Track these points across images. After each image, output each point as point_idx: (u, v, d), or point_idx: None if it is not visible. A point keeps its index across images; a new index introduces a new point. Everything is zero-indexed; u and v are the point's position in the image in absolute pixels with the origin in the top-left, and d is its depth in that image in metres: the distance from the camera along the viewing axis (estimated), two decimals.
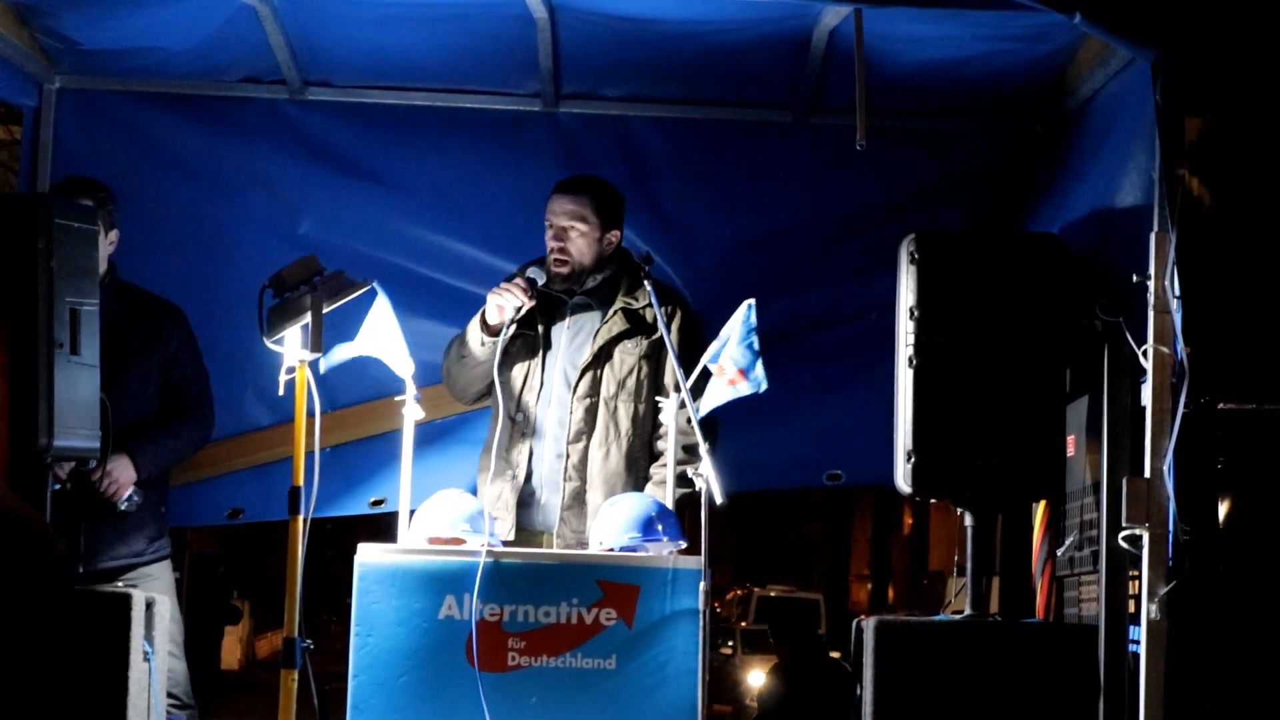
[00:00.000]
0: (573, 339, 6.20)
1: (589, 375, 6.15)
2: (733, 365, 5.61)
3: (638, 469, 6.18)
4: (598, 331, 6.19)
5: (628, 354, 6.19)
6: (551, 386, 6.16)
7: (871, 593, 38.07)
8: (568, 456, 6.11)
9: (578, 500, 6.09)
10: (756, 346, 5.56)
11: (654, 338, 6.18)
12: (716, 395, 5.56)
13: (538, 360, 6.15)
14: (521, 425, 6.15)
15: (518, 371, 6.18)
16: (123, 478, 6.01)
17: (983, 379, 5.56)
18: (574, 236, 6.20)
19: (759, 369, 5.58)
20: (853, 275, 6.95)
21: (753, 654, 24.13)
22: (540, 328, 6.16)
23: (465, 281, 6.84)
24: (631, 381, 6.17)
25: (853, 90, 5.90)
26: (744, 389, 5.62)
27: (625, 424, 6.15)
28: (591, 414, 6.14)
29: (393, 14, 6.27)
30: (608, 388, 6.15)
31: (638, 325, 6.21)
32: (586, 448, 6.12)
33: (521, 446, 6.13)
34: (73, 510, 5.67)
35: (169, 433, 6.18)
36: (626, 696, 5.52)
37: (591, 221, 6.22)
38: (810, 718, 10.19)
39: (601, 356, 6.17)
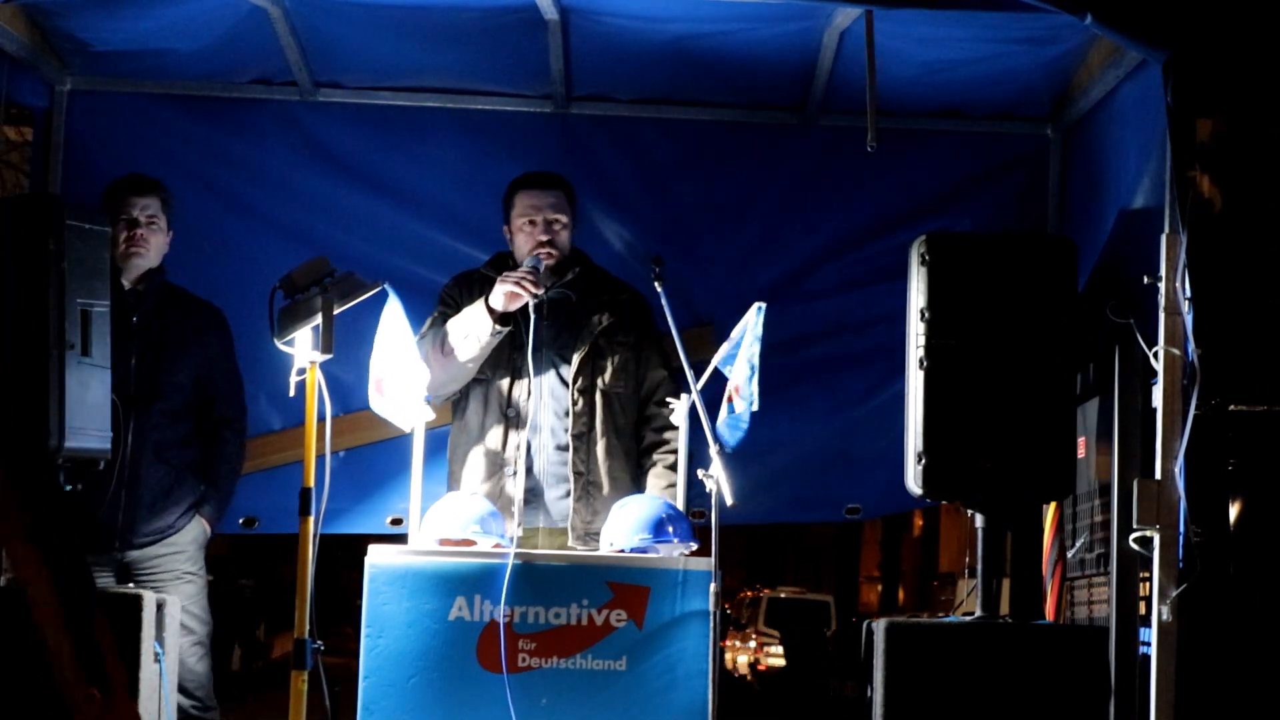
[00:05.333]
0: (558, 332, 6.18)
1: (586, 367, 6.13)
2: (733, 380, 5.59)
3: (632, 458, 6.20)
4: (588, 323, 6.18)
5: (619, 345, 6.18)
6: (542, 379, 6.13)
7: (882, 594, 38.07)
8: (574, 449, 6.10)
9: (587, 492, 6.08)
10: (756, 362, 5.56)
11: (639, 330, 6.22)
12: (722, 411, 5.56)
13: (522, 354, 6.08)
14: (515, 419, 6.13)
15: (502, 364, 6.14)
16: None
17: (993, 380, 5.56)
18: (559, 229, 6.20)
19: (753, 386, 5.57)
20: (865, 281, 6.94)
21: None
22: (530, 320, 6.07)
23: None
24: (625, 372, 6.17)
25: (863, 93, 5.90)
26: (739, 405, 5.62)
27: (621, 414, 6.16)
28: (591, 405, 6.12)
29: (403, 16, 6.27)
30: (605, 378, 6.14)
31: (624, 317, 6.21)
32: (591, 438, 6.11)
33: (517, 441, 6.11)
34: (108, 493, 5.83)
35: (229, 466, 6.39)
36: (637, 698, 5.52)
37: (569, 214, 6.24)
38: None
39: (596, 348, 6.17)
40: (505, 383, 6.12)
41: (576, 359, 6.12)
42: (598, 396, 6.13)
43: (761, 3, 6.01)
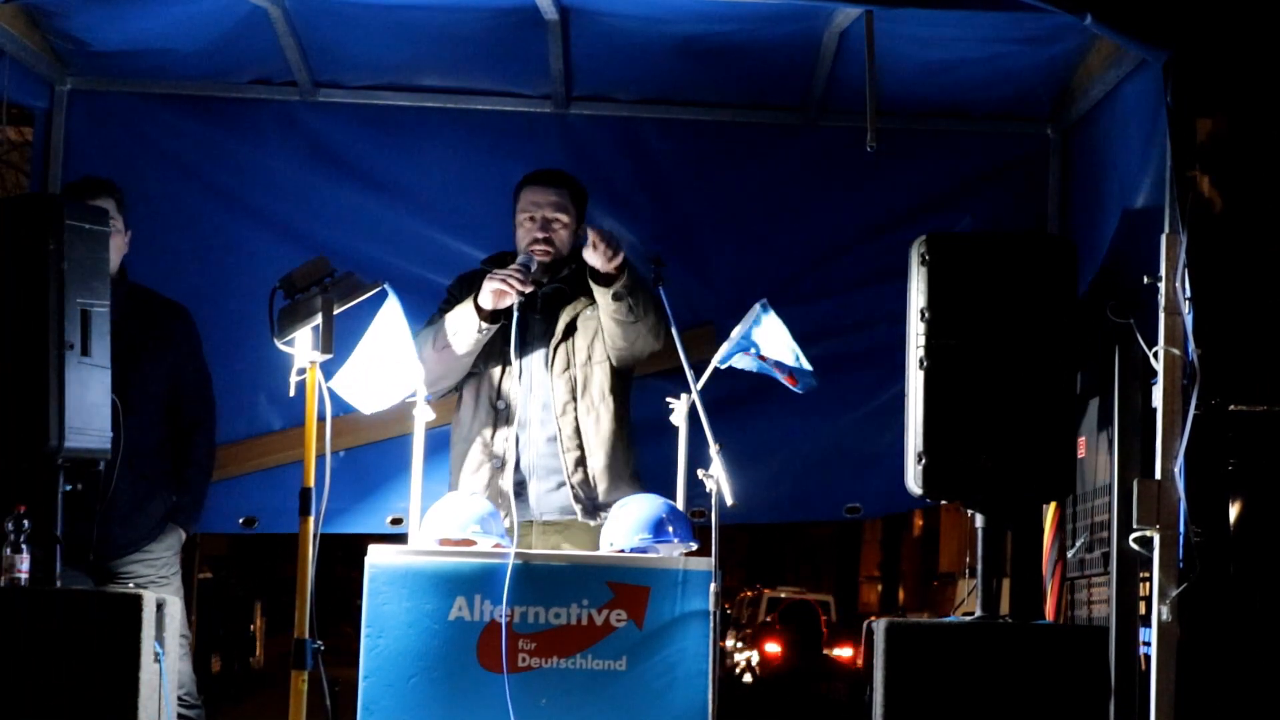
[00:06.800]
0: (547, 327, 6.18)
1: (561, 349, 6.15)
2: (784, 371, 5.60)
3: (627, 427, 6.20)
4: (564, 310, 6.18)
5: (588, 320, 6.18)
6: (531, 374, 6.14)
7: (882, 594, 38.07)
8: (560, 429, 6.09)
9: (581, 465, 6.08)
10: (794, 346, 5.57)
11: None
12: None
13: (514, 348, 6.06)
14: (505, 414, 6.13)
15: (495, 360, 6.16)
16: None
17: (993, 380, 5.56)
18: (557, 228, 6.21)
19: (803, 362, 5.58)
20: (865, 281, 6.93)
21: None
22: (514, 316, 6.05)
23: None
24: (599, 346, 6.17)
25: (863, 93, 5.90)
26: (798, 389, 5.60)
27: (600, 386, 6.15)
28: (570, 384, 6.13)
29: (403, 15, 6.27)
30: (577, 356, 6.14)
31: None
32: (576, 415, 6.12)
33: (506, 435, 6.11)
34: (82, 503, 5.73)
35: (199, 469, 6.33)
36: (637, 698, 5.52)
37: (571, 213, 6.24)
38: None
39: (568, 330, 6.17)
40: (496, 377, 6.14)
41: (553, 344, 6.13)
42: (576, 374, 6.13)
43: (761, 3, 6.01)
